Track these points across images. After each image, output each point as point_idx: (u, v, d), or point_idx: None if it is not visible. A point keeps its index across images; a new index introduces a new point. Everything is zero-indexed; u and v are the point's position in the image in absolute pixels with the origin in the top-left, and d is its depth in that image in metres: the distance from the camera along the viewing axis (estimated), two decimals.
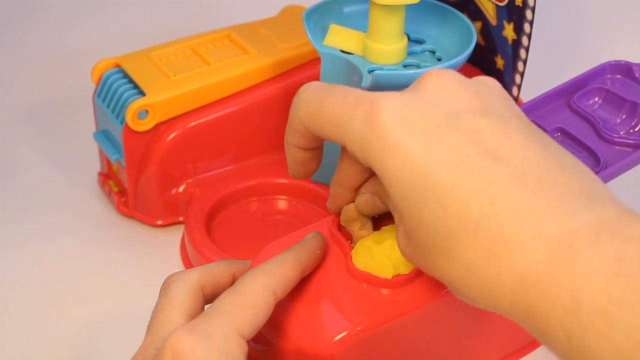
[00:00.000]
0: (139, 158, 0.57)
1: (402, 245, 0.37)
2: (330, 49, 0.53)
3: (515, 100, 0.56)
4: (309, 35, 0.53)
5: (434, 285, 0.41)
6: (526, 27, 0.54)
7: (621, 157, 0.47)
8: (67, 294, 0.54)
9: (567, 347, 0.30)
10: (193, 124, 0.57)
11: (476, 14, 0.59)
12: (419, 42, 0.56)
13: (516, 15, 0.55)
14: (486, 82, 0.38)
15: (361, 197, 0.42)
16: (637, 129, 0.49)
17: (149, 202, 0.59)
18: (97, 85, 0.59)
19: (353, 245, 0.42)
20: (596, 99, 0.51)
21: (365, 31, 0.53)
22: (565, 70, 0.58)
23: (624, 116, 0.49)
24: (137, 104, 0.55)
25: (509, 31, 0.56)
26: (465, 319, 0.44)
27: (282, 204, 0.60)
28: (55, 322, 0.52)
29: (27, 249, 0.58)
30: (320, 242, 0.42)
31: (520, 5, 0.54)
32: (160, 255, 0.58)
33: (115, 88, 0.57)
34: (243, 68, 0.58)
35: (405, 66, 0.53)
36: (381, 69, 0.52)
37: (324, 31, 0.55)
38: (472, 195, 0.33)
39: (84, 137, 0.66)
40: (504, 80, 0.57)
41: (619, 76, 0.51)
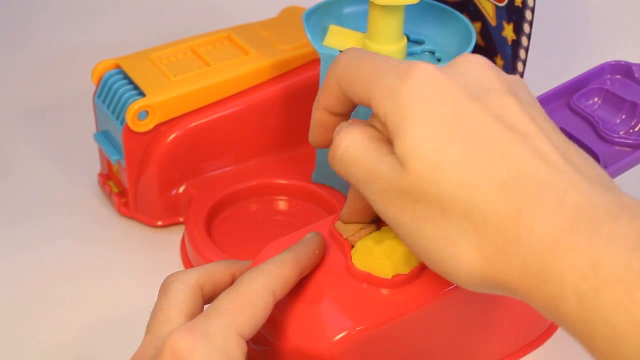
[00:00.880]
0: (139, 159, 0.57)
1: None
2: (330, 49, 0.53)
3: None
4: (309, 36, 0.53)
5: (434, 285, 0.41)
6: (526, 27, 0.54)
7: (621, 157, 0.47)
8: (67, 294, 0.54)
9: (577, 312, 0.31)
10: (193, 124, 0.57)
11: (476, 15, 0.59)
12: (419, 42, 0.56)
13: (516, 15, 0.55)
14: (511, 75, 0.39)
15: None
16: (636, 129, 0.49)
17: (149, 203, 0.59)
18: (97, 86, 0.59)
19: (352, 245, 0.42)
20: (596, 99, 0.51)
21: (364, 32, 0.53)
22: (565, 71, 0.58)
23: (624, 116, 0.49)
24: (137, 104, 0.55)
25: (508, 32, 0.56)
26: (465, 319, 0.44)
27: (282, 204, 0.60)
28: (55, 322, 0.52)
29: (27, 249, 0.58)
30: (319, 242, 0.42)
31: (520, 5, 0.54)
32: (160, 255, 0.58)
33: (116, 89, 0.57)
34: (243, 69, 0.58)
35: None
36: None
37: (323, 32, 0.55)
38: (498, 158, 0.33)
39: (84, 137, 0.66)
40: None
41: (618, 76, 0.51)
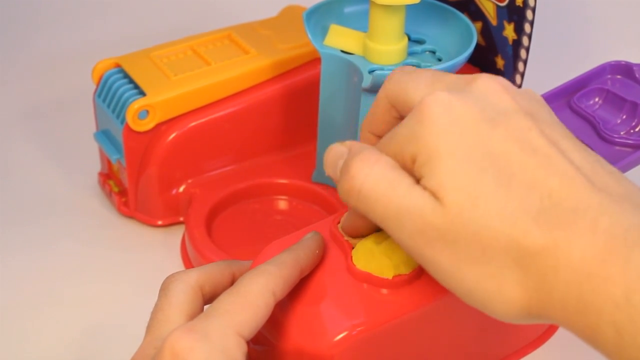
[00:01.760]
0: (139, 158, 0.57)
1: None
2: (331, 49, 0.53)
3: None
4: (309, 36, 0.53)
5: (434, 285, 0.41)
6: (527, 27, 0.54)
7: (621, 157, 0.47)
8: (67, 294, 0.54)
9: (616, 343, 0.31)
10: (193, 124, 0.57)
11: (477, 14, 0.59)
12: (420, 42, 0.56)
13: (517, 15, 0.55)
14: (527, 91, 0.38)
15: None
16: (637, 129, 0.49)
17: (150, 202, 0.59)
18: (97, 85, 0.59)
19: (353, 245, 0.42)
20: (596, 99, 0.51)
21: (365, 31, 0.53)
22: (565, 71, 0.58)
23: (624, 116, 0.49)
24: (138, 104, 0.55)
25: (509, 31, 0.56)
26: (465, 319, 0.44)
27: (282, 204, 0.60)
28: (55, 322, 0.52)
29: (27, 249, 0.58)
30: (319, 241, 0.42)
31: (521, 5, 0.54)
32: (161, 255, 0.58)
33: (116, 88, 0.57)
34: (243, 68, 0.58)
35: None
36: (382, 69, 0.52)
37: (324, 31, 0.55)
38: (530, 188, 0.33)
39: (84, 137, 0.65)
40: None
41: (619, 76, 0.51)
